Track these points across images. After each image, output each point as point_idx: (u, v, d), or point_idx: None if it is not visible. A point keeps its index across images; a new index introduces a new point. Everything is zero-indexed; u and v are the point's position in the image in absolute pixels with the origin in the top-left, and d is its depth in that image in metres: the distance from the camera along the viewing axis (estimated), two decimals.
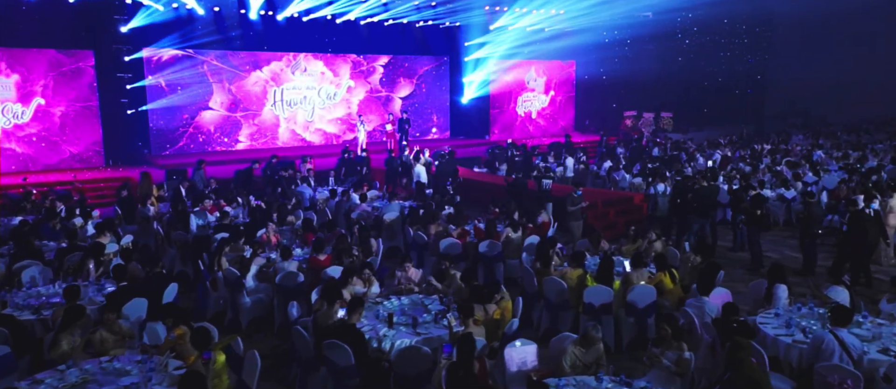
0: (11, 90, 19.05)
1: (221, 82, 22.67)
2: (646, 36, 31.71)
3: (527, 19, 26.66)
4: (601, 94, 31.49)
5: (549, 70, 29.54)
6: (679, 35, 35.73)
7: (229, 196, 14.13)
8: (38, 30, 19.26)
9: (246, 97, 23.22)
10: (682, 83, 35.58)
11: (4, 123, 19.04)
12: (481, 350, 6.73)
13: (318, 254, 9.36)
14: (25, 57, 19.17)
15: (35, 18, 19.27)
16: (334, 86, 24.93)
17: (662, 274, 8.78)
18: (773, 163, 19.50)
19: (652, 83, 32.86)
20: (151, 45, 21.12)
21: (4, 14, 18.72)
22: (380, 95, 26.03)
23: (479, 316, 7.34)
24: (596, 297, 8.45)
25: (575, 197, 12.99)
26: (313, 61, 24.42)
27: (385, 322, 7.31)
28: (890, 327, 7.34)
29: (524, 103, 28.89)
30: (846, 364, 6.43)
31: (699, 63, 37.04)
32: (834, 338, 6.50)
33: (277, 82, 23.75)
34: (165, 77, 21.60)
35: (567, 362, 6.45)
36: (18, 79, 19.11)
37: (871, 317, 7.55)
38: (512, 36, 27.20)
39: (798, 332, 7.17)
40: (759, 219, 11.81)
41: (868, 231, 10.48)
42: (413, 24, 25.88)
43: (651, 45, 32.26)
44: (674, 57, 35.53)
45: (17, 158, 19.23)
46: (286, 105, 24.06)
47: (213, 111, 22.68)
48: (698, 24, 36.08)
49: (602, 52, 30.94)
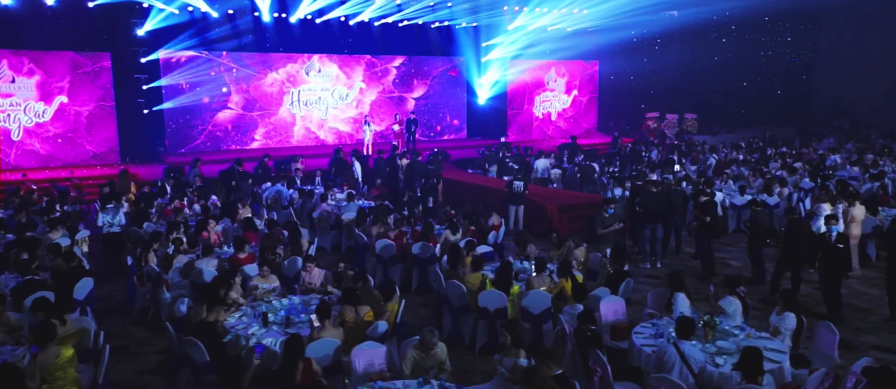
0: (33, 90, 20.21)
1: (237, 82, 23.44)
2: (676, 35, 30.99)
3: (545, 19, 26.47)
4: (627, 95, 30.95)
5: (570, 70, 29.26)
6: (715, 33, 34.71)
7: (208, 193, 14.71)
8: (59, 33, 20.29)
9: (261, 97, 23.93)
10: (717, 83, 34.57)
11: (27, 122, 20.23)
12: (336, 352, 6.93)
13: (238, 253, 9.71)
14: (46, 59, 20.30)
15: (56, 22, 20.29)
16: (347, 87, 25.38)
17: (564, 281, 8.74)
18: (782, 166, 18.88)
19: (682, 84, 32.05)
20: (167, 46, 22.00)
21: (28, 18, 19.81)
22: (394, 96, 26.35)
23: (350, 317, 7.52)
24: (490, 302, 8.50)
25: (606, 217, 11.59)
26: (328, 62, 24.94)
27: (260, 320, 7.58)
28: (765, 340, 7.15)
29: (543, 104, 28.71)
30: (686, 377, 6.34)
31: (737, 62, 35.87)
32: (675, 351, 6.40)
33: (293, 83, 24.37)
34: (181, 77, 22.48)
35: (407, 366, 6.56)
36: (40, 79, 20.26)
37: (749, 329, 7.37)
38: (531, 36, 27.04)
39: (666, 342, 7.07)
40: (706, 226, 11.53)
41: (804, 240, 10.11)
42: (428, 24, 26.08)
43: (681, 45, 31.50)
44: (709, 56, 34.54)
45: (38, 155, 20.38)
46: (302, 105, 24.67)
47: (229, 110, 23.47)
48: (737, 22, 34.94)
49: (628, 52, 30.47)
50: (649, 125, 29.19)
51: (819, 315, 9.89)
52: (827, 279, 9.70)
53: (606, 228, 11.45)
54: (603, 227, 11.45)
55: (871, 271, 12.01)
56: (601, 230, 11.47)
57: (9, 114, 19.95)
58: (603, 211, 11.67)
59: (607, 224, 11.49)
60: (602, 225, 11.51)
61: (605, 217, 11.57)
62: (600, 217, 11.69)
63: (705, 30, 33.39)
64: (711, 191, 12.84)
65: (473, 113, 27.98)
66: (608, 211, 11.60)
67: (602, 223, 11.54)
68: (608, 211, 11.62)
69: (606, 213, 11.58)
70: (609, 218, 11.54)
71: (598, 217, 11.75)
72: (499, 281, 8.71)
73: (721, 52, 35.39)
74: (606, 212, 11.59)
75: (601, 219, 11.62)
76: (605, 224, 11.50)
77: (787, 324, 7.49)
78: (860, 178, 16.86)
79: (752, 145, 24.10)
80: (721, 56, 35.28)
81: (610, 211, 11.64)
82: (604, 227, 11.45)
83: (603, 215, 11.61)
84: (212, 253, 9.63)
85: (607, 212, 11.59)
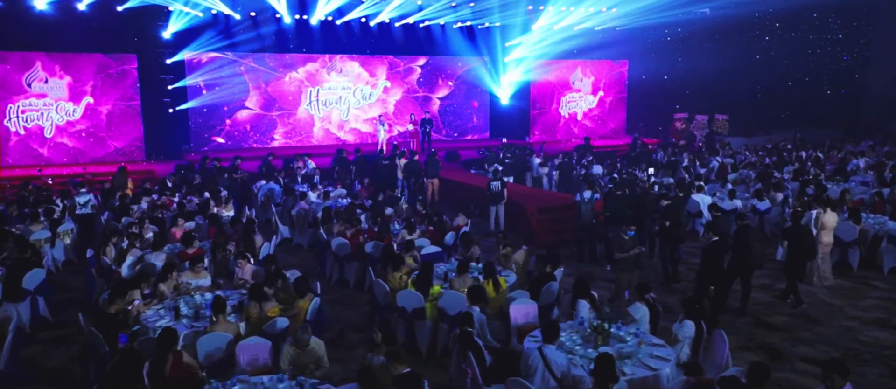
0: (64, 90, 21.37)
1: (257, 82, 24.17)
2: (712, 33, 30.18)
3: (571, 18, 26.22)
4: (658, 96, 30.27)
5: (597, 70, 28.88)
6: (757, 31, 33.60)
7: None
8: (88, 36, 21.34)
9: (281, 97, 24.60)
10: (758, 83, 33.44)
11: (58, 120, 21.41)
12: (229, 346, 7.21)
13: (187, 248, 10.13)
14: (76, 61, 21.43)
15: (86, 26, 21.37)
16: (370, 86, 25.80)
17: (486, 283, 8.79)
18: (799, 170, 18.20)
19: (717, 84, 31.14)
20: (191, 48, 22.88)
21: (61, 22, 20.93)
22: (417, 96, 26.63)
23: (254, 313, 7.80)
24: (408, 302, 8.63)
25: (625, 240, 9.95)
26: (349, 62, 25.41)
27: (173, 312, 7.93)
28: (657, 348, 7.06)
29: (568, 104, 28.44)
30: (548, 380, 6.34)
31: (782, 61, 34.60)
32: (539, 355, 6.41)
33: (313, 83, 24.95)
34: (204, 78, 23.35)
35: (284, 362, 6.77)
36: (70, 80, 21.39)
37: (643, 336, 7.27)
38: (555, 35, 26.84)
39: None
40: (667, 231, 11.32)
41: (751, 247, 9.84)
42: (450, 24, 26.24)
43: (718, 44, 30.63)
44: (750, 55, 33.46)
45: (68, 151, 21.54)
46: (321, 105, 25.22)
47: (249, 110, 24.22)
48: (781, 19, 33.73)
49: (660, 51, 29.84)
50: (677, 126, 28.50)
51: (769, 325, 9.64)
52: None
53: (625, 252, 9.92)
54: (621, 250, 9.96)
55: (848, 281, 11.54)
56: (619, 254, 10.01)
57: (42, 112, 21.15)
58: (622, 233, 10.06)
59: (626, 247, 9.90)
60: (620, 248, 9.99)
61: (624, 239, 9.95)
62: (618, 238, 10.12)
63: (746, 27, 32.41)
64: (680, 195, 12.56)
65: (497, 113, 27.99)
66: (628, 233, 9.96)
67: (620, 246, 10.00)
68: (628, 232, 9.98)
69: (625, 236, 9.97)
70: (628, 241, 9.90)
71: (617, 239, 10.24)
72: (419, 282, 8.83)
73: (763, 50, 34.23)
74: (625, 234, 9.97)
75: (619, 241, 10.06)
76: (623, 247, 9.94)
77: (685, 332, 7.38)
78: (871, 185, 16.15)
79: (778, 147, 23.27)
80: (763, 55, 34.12)
81: (630, 233, 9.99)
82: (622, 251, 9.94)
83: (621, 237, 10.02)
84: (161, 248, 10.06)
85: (627, 234, 9.96)
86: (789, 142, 24.66)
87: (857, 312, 10.06)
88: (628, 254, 9.91)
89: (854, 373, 7.98)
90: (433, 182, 17.64)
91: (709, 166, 18.64)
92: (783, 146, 23.40)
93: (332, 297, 11.02)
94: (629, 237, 9.96)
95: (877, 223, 12.29)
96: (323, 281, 11.86)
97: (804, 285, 11.22)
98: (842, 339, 9.06)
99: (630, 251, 9.89)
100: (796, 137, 24.93)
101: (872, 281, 11.45)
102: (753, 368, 5.70)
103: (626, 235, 9.96)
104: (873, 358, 8.48)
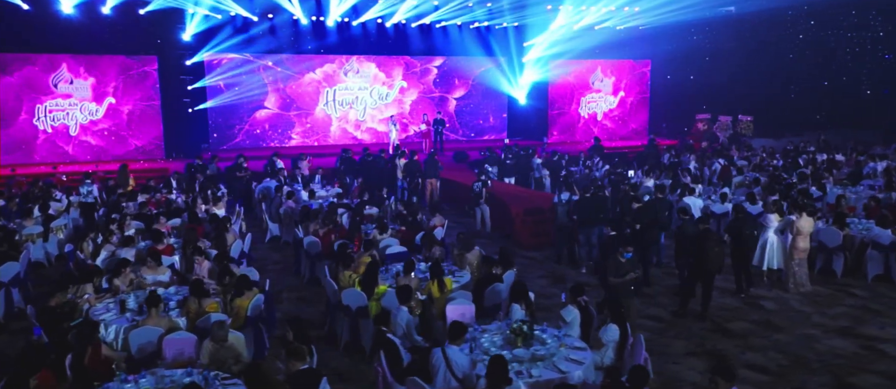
0: (88, 91, 22.23)
1: (275, 83, 24.69)
2: (741, 32, 29.49)
3: (590, 18, 25.99)
4: (682, 96, 29.69)
5: (618, 70, 28.55)
6: (790, 29, 32.67)
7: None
8: (111, 38, 22.14)
9: (299, 97, 25.07)
10: (791, 83, 32.48)
11: (82, 119, 22.28)
12: (159, 340, 7.47)
13: (157, 244, 10.49)
14: (100, 62, 22.27)
15: (109, 28, 22.16)
16: (386, 87, 26.06)
17: (431, 283, 8.88)
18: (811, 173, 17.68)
19: (746, 83, 30.38)
20: (210, 49, 23.50)
21: (86, 25, 21.74)
22: (434, 96, 26.78)
23: (192, 308, 8.06)
24: (352, 300, 8.77)
25: (621, 262, 8.65)
26: (366, 63, 25.72)
27: (119, 306, 8.25)
28: (577, 351, 7.04)
29: (588, 104, 28.19)
30: (450, 380, 6.41)
31: (817, 60, 33.55)
32: (441, 355, 6.47)
33: (330, 83, 25.34)
34: (223, 78, 23.97)
35: (205, 357, 6.98)
36: (94, 81, 22.24)
37: (564, 340, 7.25)
38: (574, 35, 26.65)
39: (476, 350, 7.12)
40: (636, 234, 11.17)
41: (710, 252, 9.66)
42: (467, 25, 26.30)
43: (746, 43, 29.89)
44: (781, 54, 32.55)
45: (91, 149, 22.40)
46: (339, 105, 25.60)
47: (268, 110, 24.76)
48: (816, 17, 32.72)
49: (685, 51, 29.27)
50: (699, 127, 27.94)
51: (726, 331, 9.47)
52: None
53: (621, 277, 8.57)
54: (616, 275, 8.59)
55: (827, 288, 11.21)
56: (613, 278, 8.61)
57: (67, 112, 22.04)
58: (618, 255, 8.69)
59: (622, 271, 8.58)
60: (615, 271, 8.62)
61: (620, 262, 8.62)
62: (614, 260, 8.72)
63: (777, 25, 31.56)
64: (658, 197, 12.38)
65: (514, 113, 27.94)
66: (625, 255, 8.62)
67: (615, 269, 8.63)
68: (625, 254, 8.63)
69: (622, 258, 8.63)
70: (625, 265, 8.60)
71: (612, 260, 8.79)
72: (364, 281, 8.96)
73: (797, 48, 33.27)
74: (622, 256, 8.63)
75: (615, 264, 8.67)
76: (619, 270, 8.59)
77: (609, 336, 7.34)
78: (878, 189, 15.62)
79: (798, 149, 22.61)
80: (797, 53, 33.18)
81: (627, 254, 8.63)
82: (618, 275, 8.58)
83: (618, 259, 8.66)
84: (132, 244, 10.44)
85: (624, 256, 8.63)
86: (811, 144, 23.94)
87: (823, 320, 9.78)
88: (624, 280, 8.59)
89: (797, 381, 7.91)
90: (433, 182, 17.76)
91: (712, 168, 18.25)
92: (803, 148, 22.73)
93: (300, 295, 11.27)
94: (626, 259, 8.61)
95: (864, 228, 11.90)
96: (297, 278, 12.17)
97: (778, 291, 11.01)
98: (796, 347, 8.84)
99: (626, 276, 8.58)
100: (820, 139, 24.18)
101: (852, 289, 11.11)
102: (718, 367, 5.78)
103: (623, 257, 8.60)
104: (821, 367, 8.26)
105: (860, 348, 8.80)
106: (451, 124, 27.16)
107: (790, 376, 8.08)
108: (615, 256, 8.75)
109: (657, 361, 8.51)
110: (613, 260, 8.75)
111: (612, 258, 8.80)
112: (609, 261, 8.84)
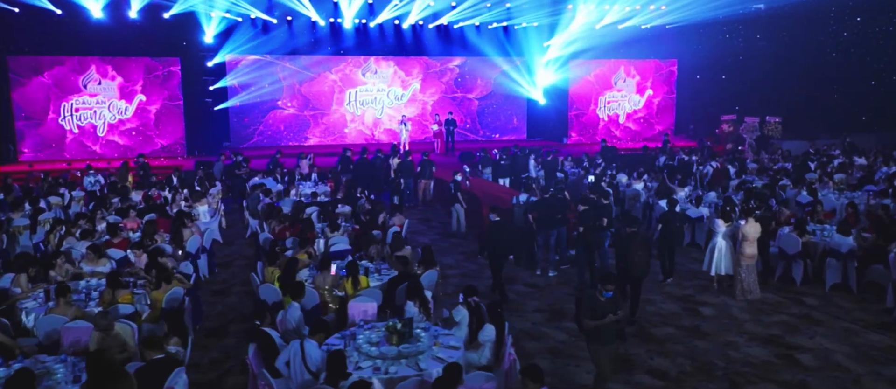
0: (116, 91, 23.40)
1: (293, 83, 25.38)
2: (778, 30, 28.48)
3: (612, 16, 25.61)
4: (712, 96, 28.85)
5: (643, 69, 28.03)
6: (834, 26, 31.30)
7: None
8: (137, 41, 23.24)
9: (316, 97, 25.69)
10: (834, 82, 31.12)
11: (109, 119, 23.47)
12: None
13: (113, 238, 11.07)
14: (127, 64, 23.40)
15: (135, 32, 23.24)
16: (404, 88, 26.40)
17: (346, 281, 9.10)
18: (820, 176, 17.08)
19: (784, 83, 29.26)
20: (230, 50, 24.35)
21: (114, 29, 22.86)
22: (454, 96, 26.95)
23: (107, 298, 8.52)
24: (268, 295, 9.07)
25: (599, 302, 7.02)
26: (384, 64, 26.12)
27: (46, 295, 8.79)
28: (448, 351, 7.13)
29: (609, 105, 27.79)
30: (303, 372, 6.62)
31: (864, 58, 32.03)
32: (299, 348, 6.68)
33: (348, 84, 25.86)
34: (243, 79, 24.80)
35: (93, 344, 7.39)
36: (121, 82, 23.39)
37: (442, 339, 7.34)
38: (596, 34, 26.31)
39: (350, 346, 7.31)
40: (581, 237, 11.10)
41: (635, 256, 9.53)
42: (486, 25, 26.33)
43: (782, 41, 28.84)
44: (825, 52, 31.22)
45: (118, 147, 23.56)
46: (359, 104, 26.09)
47: (285, 109, 25.47)
48: (863, 12, 31.25)
49: (715, 49, 28.48)
50: (724, 128, 27.14)
51: (648, 336, 9.35)
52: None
53: (598, 319, 6.97)
54: (593, 316, 7.00)
55: (779, 295, 10.87)
56: (589, 321, 7.03)
57: (95, 111, 23.25)
58: (597, 293, 7.11)
59: (600, 313, 6.97)
60: (591, 312, 7.01)
61: (599, 301, 7.04)
62: (591, 297, 7.15)
63: (819, 22, 30.31)
64: (603, 202, 12.24)
65: (534, 114, 27.83)
66: (605, 294, 7.04)
67: (592, 310, 7.02)
68: (604, 293, 7.04)
69: (601, 297, 7.04)
70: (604, 304, 7.01)
71: (587, 298, 7.19)
72: (282, 277, 9.24)
73: (841, 47, 31.85)
74: (601, 295, 7.04)
75: (592, 304, 7.06)
76: (596, 312, 6.98)
77: (485, 336, 7.42)
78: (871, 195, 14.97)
79: (820, 152, 21.76)
80: (840, 51, 31.77)
81: (607, 294, 7.04)
82: (595, 317, 6.98)
83: (596, 298, 7.06)
84: (91, 237, 11.05)
85: (603, 295, 7.04)
86: (836, 147, 22.99)
87: (756, 328, 9.51)
88: (602, 323, 6.97)
89: (690, 388, 7.77)
90: (426, 183, 18.00)
91: (703, 171, 17.78)
92: (825, 150, 21.87)
93: (247, 289, 11.64)
94: (606, 299, 7.04)
95: (826, 235, 11.47)
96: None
97: (726, 298, 10.76)
98: (710, 355, 8.65)
99: (604, 318, 6.94)
100: (845, 142, 23.19)
101: (805, 298, 10.72)
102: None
103: (602, 296, 7.05)
104: (723, 375, 8.08)
105: (775, 357, 8.54)
106: (472, 125, 27.31)
107: (687, 382, 7.94)
108: (592, 294, 7.20)
109: (561, 363, 8.55)
110: (589, 299, 7.15)
111: (589, 296, 7.23)
112: (584, 300, 7.25)
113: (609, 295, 7.08)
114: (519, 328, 9.65)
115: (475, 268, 12.71)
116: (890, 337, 9.11)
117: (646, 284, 11.25)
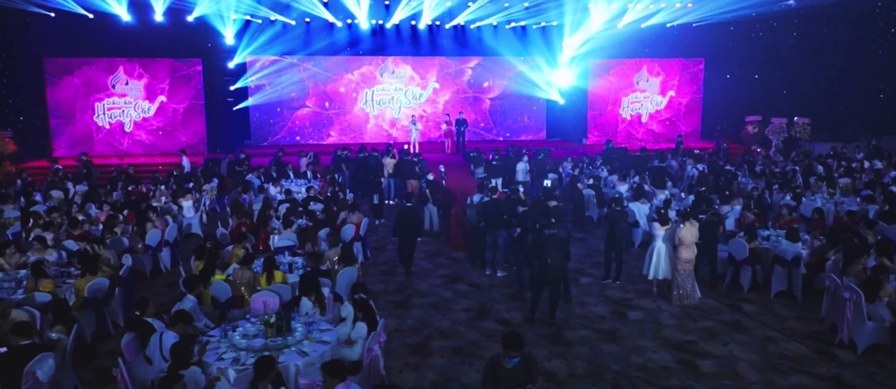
0: (141, 91, 24.51)
1: (313, 83, 25.99)
2: (816, 29, 27.34)
3: (633, 14, 25.12)
4: (742, 97, 27.89)
5: (667, 68, 27.36)
6: (880, 23, 29.77)
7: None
8: (161, 43, 24.27)
9: (336, 96, 26.23)
10: (880, 82, 29.59)
11: (136, 117, 24.61)
12: None
13: (73, 230, 11.71)
14: (152, 65, 24.48)
15: (161, 34, 24.25)
16: (419, 87, 26.65)
17: (262, 276, 9.42)
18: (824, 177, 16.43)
19: (824, 83, 28.00)
20: (251, 51, 25.13)
21: (141, 32, 23.92)
22: (469, 96, 27.02)
23: (30, 286, 9.08)
24: (220, 293, 9.42)
25: (506, 370, 5.95)
26: (401, 64, 26.43)
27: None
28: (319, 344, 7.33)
29: (631, 105, 27.26)
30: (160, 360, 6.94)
31: None
32: (158, 340, 6.99)
33: (366, 84, 26.30)
34: (263, 78, 25.56)
35: None
36: (146, 82, 24.49)
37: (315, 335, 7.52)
38: (617, 32, 25.86)
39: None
40: (516, 239, 11.07)
41: (549, 258, 9.46)
42: (503, 24, 26.26)
43: (819, 40, 27.65)
44: (870, 51, 29.74)
45: (143, 144, 24.68)
46: (376, 104, 26.51)
47: (305, 108, 26.11)
48: None
49: (746, 49, 27.56)
50: (749, 130, 26.20)
51: (558, 338, 9.29)
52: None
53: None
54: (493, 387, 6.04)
55: (717, 301, 10.57)
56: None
57: (122, 110, 24.42)
58: (502, 358, 5.98)
59: (502, 384, 5.96)
60: (492, 382, 6.04)
61: (504, 367, 5.96)
62: (493, 364, 6.08)
63: (864, 19, 28.93)
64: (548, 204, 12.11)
65: (552, 114, 27.59)
66: (508, 361, 5.94)
67: (493, 379, 6.03)
68: (508, 360, 5.93)
69: (506, 363, 5.95)
70: (510, 372, 5.94)
71: (488, 362, 6.18)
72: (203, 270, 9.59)
73: (888, 44, 30.28)
74: (506, 361, 5.94)
75: (493, 370, 6.05)
76: (498, 383, 5.99)
77: (357, 333, 7.57)
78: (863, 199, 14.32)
79: (838, 153, 20.79)
80: (887, 50, 30.20)
81: (510, 360, 5.93)
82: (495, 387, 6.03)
83: (501, 363, 5.99)
84: (52, 228, 11.73)
85: (507, 362, 5.94)
86: (859, 150, 21.93)
87: (674, 334, 9.30)
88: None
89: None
90: (412, 183, 18.15)
91: (689, 175, 17.29)
92: (843, 152, 20.92)
93: None
94: (510, 366, 5.95)
95: (775, 241, 11.08)
96: None
97: (663, 302, 10.54)
98: (611, 359, 8.52)
99: None
100: (870, 144, 22.09)
101: (745, 305, 10.40)
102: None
103: (507, 363, 5.95)
104: (612, 378, 7.97)
105: (676, 363, 8.35)
106: (487, 124, 27.32)
107: (571, 385, 7.88)
108: (497, 358, 6.07)
109: (457, 361, 8.60)
110: (490, 366, 6.09)
111: (490, 362, 6.13)
112: (486, 367, 6.17)
113: (513, 361, 5.93)
114: (436, 326, 9.75)
115: (430, 267, 12.83)
116: (807, 347, 8.77)
117: (590, 286, 11.26)
